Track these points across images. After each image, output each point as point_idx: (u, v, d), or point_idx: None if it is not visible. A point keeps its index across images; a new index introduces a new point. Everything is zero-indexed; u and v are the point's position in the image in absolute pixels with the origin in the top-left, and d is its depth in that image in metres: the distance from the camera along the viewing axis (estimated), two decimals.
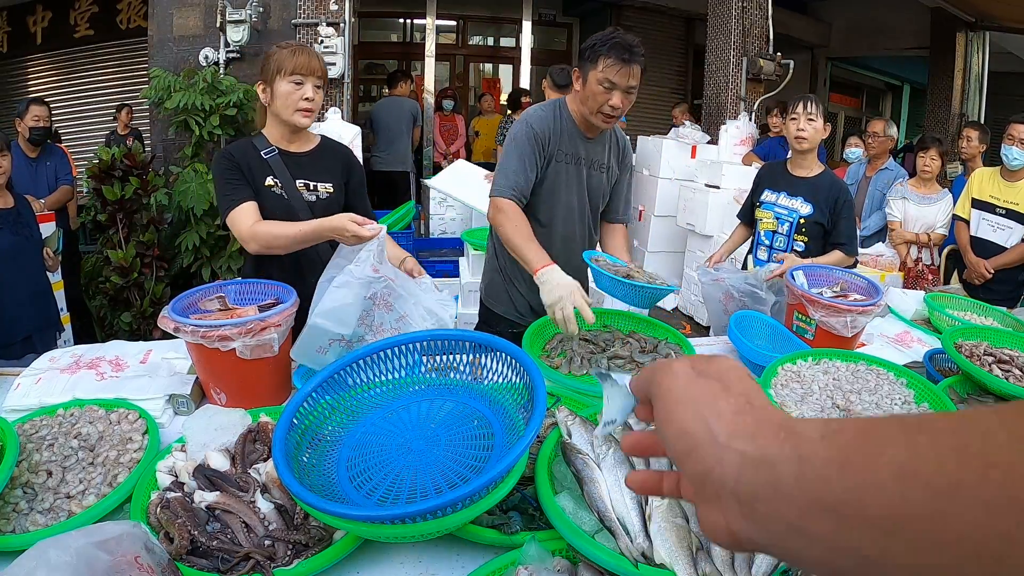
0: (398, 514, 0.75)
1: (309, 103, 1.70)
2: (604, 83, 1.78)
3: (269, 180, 1.74)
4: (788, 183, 2.46)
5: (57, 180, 3.97)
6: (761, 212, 2.52)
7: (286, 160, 1.77)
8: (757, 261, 2.57)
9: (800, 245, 2.41)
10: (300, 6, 5.19)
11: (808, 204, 2.39)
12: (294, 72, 1.67)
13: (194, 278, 4.29)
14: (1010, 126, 3.20)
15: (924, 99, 8.53)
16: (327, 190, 1.80)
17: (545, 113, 1.91)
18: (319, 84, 1.72)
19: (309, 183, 1.79)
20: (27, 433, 1.11)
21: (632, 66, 1.77)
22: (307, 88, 1.69)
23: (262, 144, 1.77)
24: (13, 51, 6.81)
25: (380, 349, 1.06)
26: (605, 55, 1.77)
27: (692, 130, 5.50)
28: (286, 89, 1.68)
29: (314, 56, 1.71)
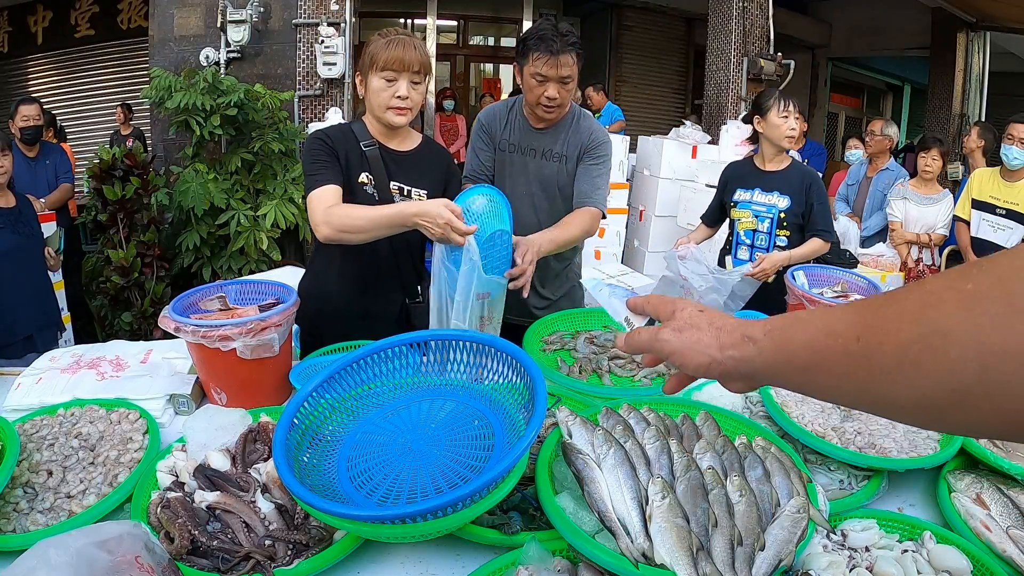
0: (398, 514, 0.75)
1: (402, 101, 1.54)
2: (536, 76, 1.81)
3: (364, 177, 1.60)
4: (759, 179, 2.45)
5: (57, 179, 3.97)
6: (738, 212, 2.49)
7: (385, 157, 1.62)
8: (737, 262, 2.52)
9: (783, 240, 2.41)
10: (301, 6, 5.19)
11: (785, 197, 2.39)
12: (386, 67, 1.51)
13: (195, 278, 4.29)
14: (1010, 126, 3.20)
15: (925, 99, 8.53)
16: (420, 196, 1.64)
17: (497, 108, 2.01)
18: (417, 80, 1.55)
19: (404, 187, 1.63)
20: (28, 433, 1.11)
21: (561, 56, 1.78)
22: (400, 85, 1.52)
23: (362, 134, 1.62)
24: (14, 51, 6.82)
25: (380, 349, 1.06)
26: (534, 49, 1.79)
27: (693, 130, 5.50)
28: (378, 85, 1.53)
29: (411, 48, 1.52)
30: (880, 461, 1.06)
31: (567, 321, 1.71)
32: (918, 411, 0.40)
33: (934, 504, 1.07)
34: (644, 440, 0.97)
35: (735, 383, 0.56)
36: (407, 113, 1.56)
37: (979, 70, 7.26)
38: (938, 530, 0.96)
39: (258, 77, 5.03)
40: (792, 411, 1.19)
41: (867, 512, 1.00)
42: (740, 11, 5.60)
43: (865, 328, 0.42)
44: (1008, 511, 0.98)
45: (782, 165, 2.44)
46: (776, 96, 2.44)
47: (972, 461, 1.12)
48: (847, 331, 0.43)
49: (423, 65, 1.54)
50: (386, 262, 1.64)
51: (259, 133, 4.48)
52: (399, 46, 1.51)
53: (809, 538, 0.85)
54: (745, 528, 0.84)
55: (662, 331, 0.59)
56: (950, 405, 0.38)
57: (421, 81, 1.55)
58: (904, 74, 10.35)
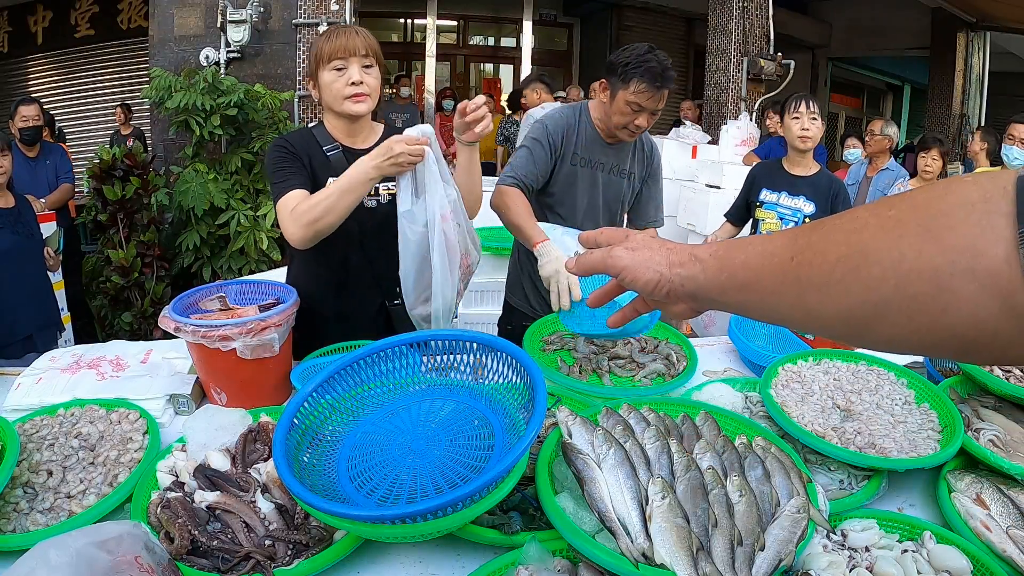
0: (398, 514, 0.75)
1: (357, 87, 1.47)
2: (633, 105, 1.78)
3: (330, 181, 1.50)
4: (788, 182, 2.46)
5: (57, 179, 3.97)
6: (763, 212, 2.52)
7: (349, 159, 1.52)
8: None
9: None
10: (301, 6, 5.19)
11: (811, 203, 2.40)
12: (332, 57, 1.46)
13: (195, 278, 4.29)
14: (1011, 126, 3.20)
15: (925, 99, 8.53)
16: (389, 192, 1.56)
17: (564, 115, 1.92)
18: (368, 64, 1.48)
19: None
20: (27, 433, 1.11)
21: (662, 91, 1.76)
22: (352, 71, 1.46)
23: (324, 138, 1.56)
24: (14, 51, 6.82)
25: (381, 349, 1.06)
26: (638, 79, 1.75)
27: (693, 130, 5.50)
28: (329, 78, 1.47)
29: (354, 34, 1.47)
30: (880, 461, 1.06)
31: None
32: (843, 324, 0.44)
33: (934, 504, 1.07)
34: (644, 440, 0.97)
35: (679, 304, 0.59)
36: (365, 99, 1.49)
37: (979, 70, 7.27)
38: (938, 530, 0.96)
39: (258, 77, 5.03)
40: (792, 411, 1.19)
41: (867, 512, 1.00)
42: (740, 11, 5.60)
43: (797, 249, 0.46)
44: (1008, 511, 0.98)
45: (810, 171, 2.45)
46: (792, 98, 2.46)
47: (972, 461, 1.12)
48: (782, 252, 0.48)
49: (370, 49, 1.48)
50: (359, 262, 1.59)
51: (259, 133, 4.48)
52: (341, 34, 1.47)
53: (809, 538, 0.85)
54: (745, 528, 0.84)
55: (615, 248, 0.62)
56: (871, 318, 0.42)
57: (372, 65, 1.49)
58: (904, 74, 10.35)
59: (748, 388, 1.36)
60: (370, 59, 1.48)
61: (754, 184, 2.58)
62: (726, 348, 1.73)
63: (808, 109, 2.38)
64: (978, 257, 0.35)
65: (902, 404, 1.25)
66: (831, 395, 1.26)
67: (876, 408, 1.22)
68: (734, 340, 1.68)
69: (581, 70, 9.56)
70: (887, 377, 1.34)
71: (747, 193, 2.61)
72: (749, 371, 1.58)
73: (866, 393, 1.27)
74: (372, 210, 1.56)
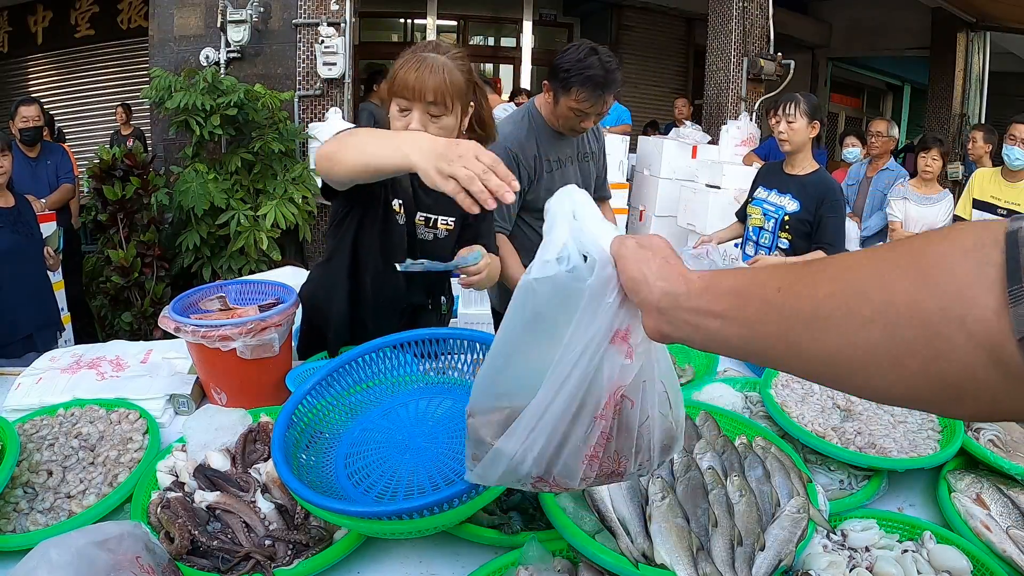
0: (395, 510, 0.75)
1: None
2: (576, 111, 1.77)
3: (396, 203, 1.38)
4: (780, 181, 2.49)
5: (58, 179, 3.97)
6: (751, 208, 2.57)
7: (414, 183, 1.38)
8: (744, 256, 2.63)
9: (784, 242, 2.43)
10: (301, 6, 5.19)
11: (795, 201, 2.41)
12: (397, 93, 1.24)
13: (195, 278, 4.29)
14: (1012, 126, 3.20)
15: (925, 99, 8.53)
16: (446, 227, 1.42)
17: (519, 131, 1.89)
18: (437, 113, 1.23)
19: (430, 217, 1.42)
20: (27, 433, 1.11)
21: (604, 96, 1.74)
22: (413, 117, 1.23)
23: None
24: (14, 51, 6.82)
25: (378, 347, 1.06)
26: (579, 87, 1.73)
27: (693, 130, 5.50)
28: (393, 111, 1.27)
29: (428, 71, 1.21)
30: (880, 461, 1.06)
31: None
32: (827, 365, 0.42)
33: (934, 504, 1.07)
34: None
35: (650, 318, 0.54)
36: None
37: (979, 70, 7.27)
38: (938, 530, 0.96)
39: (258, 77, 5.03)
40: (792, 411, 1.19)
41: (867, 512, 1.00)
42: (740, 11, 5.60)
43: (786, 281, 0.45)
44: (1008, 511, 0.98)
45: (805, 171, 2.45)
46: (781, 100, 2.48)
47: (972, 461, 1.12)
48: (769, 281, 0.46)
49: (443, 93, 1.22)
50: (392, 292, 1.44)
51: (259, 133, 4.48)
52: (414, 67, 1.22)
53: (809, 538, 0.85)
54: (745, 528, 0.84)
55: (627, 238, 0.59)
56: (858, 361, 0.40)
57: (445, 113, 1.24)
58: (904, 74, 10.35)
59: (748, 388, 1.36)
60: (441, 107, 1.23)
61: (756, 183, 2.61)
62: None
63: (785, 113, 2.41)
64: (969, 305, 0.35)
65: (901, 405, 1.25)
66: (831, 395, 1.26)
67: (876, 408, 1.22)
68: None
69: None
70: None
71: (751, 192, 2.65)
72: (749, 371, 1.58)
73: None
74: (426, 242, 1.40)
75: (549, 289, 0.58)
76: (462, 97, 1.28)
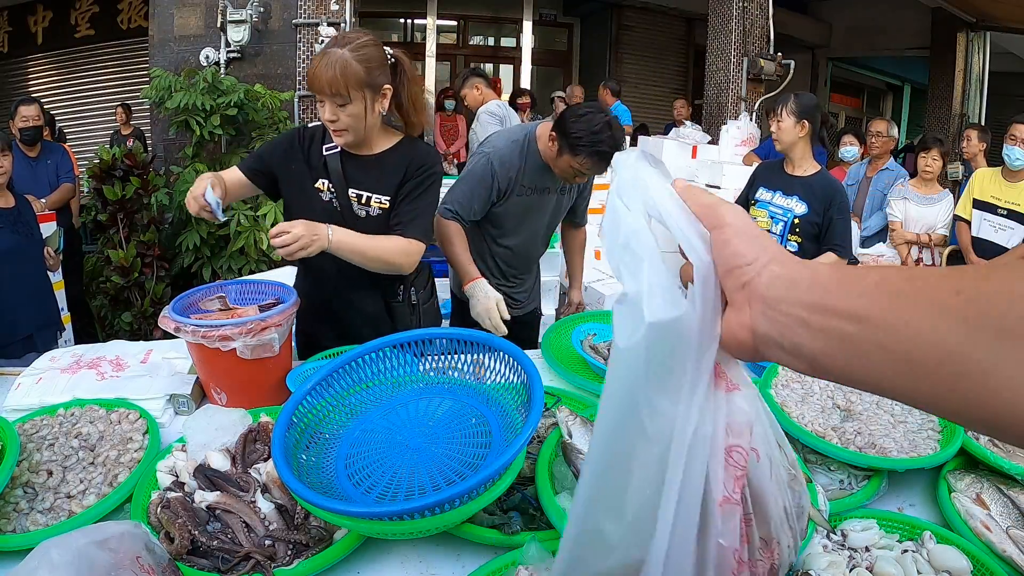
0: (395, 511, 0.75)
1: (332, 124, 1.43)
2: (576, 172, 1.87)
3: (321, 183, 1.53)
4: (784, 182, 2.47)
5: (58, 178, 3.96)
6: (756, 211, 2.53)
7: (345, 163, 1.52)
8: None
9: (793, 245, 2.42)
10: (301, 6, 5.19)
11: (803, 203, 2.40)
12: (310, 90, 1.42)
13: (195, 278, 4.29)
14: (1012, 126, 3.20)
15: (925, 99, 8.53)
16: (381, 205, 1.52)
17: (511, 150, 1.95)
18: (341, 103, 1.40)
19: (363, 193, 1.52)
20: (27, 433, 1.11)
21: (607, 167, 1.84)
22: (325, 107, 1.41)
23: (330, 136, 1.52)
24: (14, 51, 6.82)
25: (379, 347, 1.06)
26: (586, 156, 1.81)
27: (693, 130, 5.50)
28: (319, 106, 1.44)
29: (325, 68, 1.37)
30: (880, 461, 1.06)
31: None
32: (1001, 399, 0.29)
33: (934, 504, 1.07)
34: None
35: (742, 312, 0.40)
36: (343, 133, 1.45)
37: (979, 70, 7.27)
38: (938, 530, 0.96)
39: (258, 77, 5.03)
40: (792, 411, 1.19)
41: (867, 512, 1.00)
42: (740, 11, 5.60)
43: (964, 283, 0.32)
44: (1008, 511, 0.98)
45: (808, 171, 2.44)
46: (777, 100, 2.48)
47: (972, 461, 1.12)
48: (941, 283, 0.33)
49: (340, 87, 1.37)
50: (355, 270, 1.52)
51: (259, 133, 4.48)
52: (316, 63, 1.39)
53: (809, 538, 0.85)
54: None
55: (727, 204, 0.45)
56: None
57: (347, 102, 1.40)
58: (904, 74, 10.35)
59: None
60: (341, 97, 1.39)
61: (754, 183, 2.59)
62: None
63: (775, 114, 2.43)
64: None
65: (902, 404, 1.25)
66: (831, 395, 1.26)
67: (876, 408, 1.22)
68: None
69: (581, 70, 9.56)
70: None
71: (747, 191, 2.62)
72: (749, 371, 1.58)
73: (866, 393, 1.27)
74: (363, 220, 1.53)
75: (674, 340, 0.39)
76: (362, 87, 1.40)
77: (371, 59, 1.41)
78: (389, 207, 1.52)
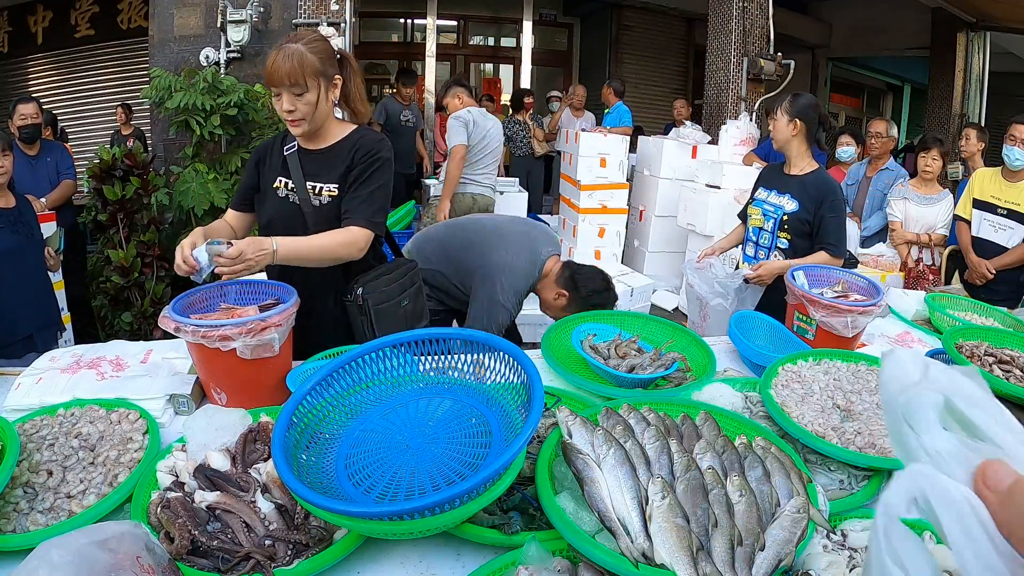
0: (395, 510, 0.75)
1: (289, 114, 1.53)
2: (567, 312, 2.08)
3: (279, 181, 1.63)
4: (781, 182, 2.48)
5: (58, 176, 3.96)
6: (752, 209, 2.57)
7: (302, 158, 1.62)
8: (745, 258, 2.62)
9: (783, 242, 2.43)
10: (301, 6, 5.19)
11: (794, 201, 2.41)
12: (267, 83, 1.52)
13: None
14: (1012, 126, 3.20)
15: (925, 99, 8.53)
16: (330, 193, 1.60)
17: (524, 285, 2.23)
18: (298, 92, 1.50)
19: (317, 184, 1.60)
20: (27, 433, 1.11)
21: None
22: (283, 99, 1.51)
23: (290, 137, 1.65)
24: (14, 51, 6.82)
25: (379, 347, 1.06)
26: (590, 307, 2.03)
27: (693, 130, 5.50)
28: (274, 100, 1.54)
29: (282, 59, 1.48)
30: (880, 461, 1.06)
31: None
32: None
33: None
34: (644, 440, 0.97)
35: None
36: (300, 123, 1.54)
37: (979, 70, 7.27)
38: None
39: (258, 77, 5.02)
40: (792, 411, 1.19)
41: (867, 512, 1.00)
42: (740, 11, 5.60)
43: None
44: None
45: (804, 170, 2.45)
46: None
47: None
48: None
49: (295, 77, 1.47)
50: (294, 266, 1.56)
51: (259, 133, 4.48)
52: (273, 58, 1.49)
53: (809, 538, 0.85)
54: (745, 528, 0.84)
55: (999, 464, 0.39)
56: None
57: (304, 91, 1.50)
58: (904, 74, 10.35)
59: (748, 388, 1.36)
60: (298, 87, 1.49)
61: (757, 184, 2.61)
62: (726, 348, 1.73)
63: (771, 114, 2.45)
64: None
65: None
66: (831, 395, 1.26)
67: (876, 408, 1.22)
68: (734, 340, 1.68)
69: (581, 70, 9.56)
70: None
71: (752, 193, 2.64)
72: (749, 371, 1.58)
73: (866, 393, 1.27)
74: (317, 209, 1.59)
75: None
76: (317, 76, 1.51)
77: (323, 52, 1.54)
78: (338, 194, 1.59)
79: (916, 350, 1.69)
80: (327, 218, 1.58)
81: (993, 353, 1.48)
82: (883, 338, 1.90)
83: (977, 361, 1.44)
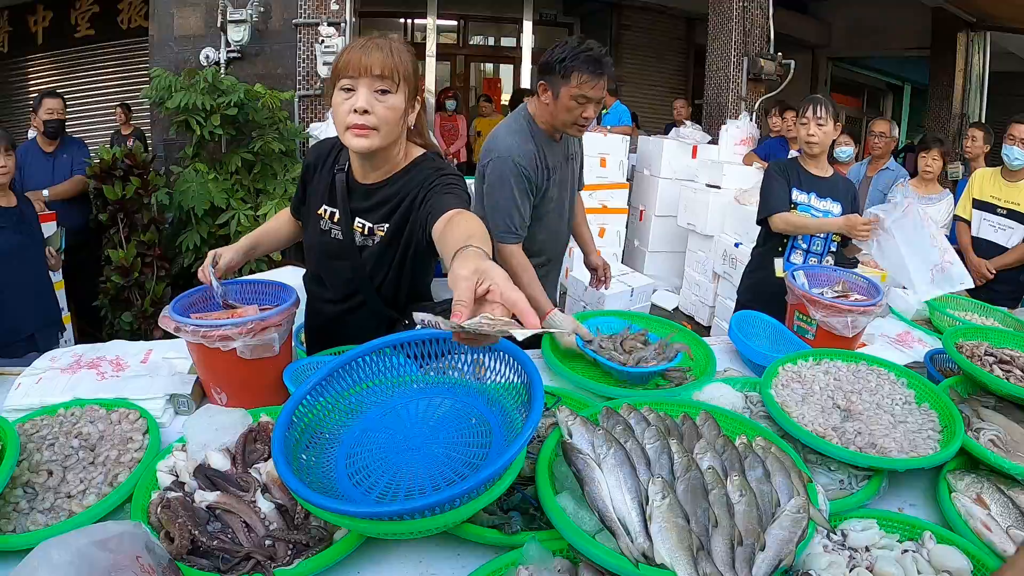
0: (395, 510, 0.75)
1: (360, 116, 1.19)
2: (579, 98, 1.81)
3: (323, 209, 1.39)
4: (811, 183, 2.45)
5: (72, 171, 3.95)
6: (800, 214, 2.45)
7: (352, 190, 1.36)
8: (788, 265, 2.45)
9: (834, 245, 2.46)
10: (301, 6, 5.19)
11: (838, 204, 2.44)
12: (342, 74, 1.19)
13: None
14: (1011, 126, 3.20)
15: (925, 99, 8.53)
16: (382, 232, 1.35)
17: (521, 140, 1.89)
18: (385, 88, 1.19)
19: (366, 224, 1.36)
20: (28, 433, 1.11)
21: (603, 78, 1.80)
22: (359, 95, 1.19)
23: (345, 155, 1.37)
24: (14, 51, 6.82)
25: (379, 347, 1.06)
26: (578, 70, 1.78)
27: (693, 130, 5.50)
28: (337, 99, 1.22)
29: (374, 48, 1.18)
30: (880, 461, 1.06)
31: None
32: None
33: (934, 504, 1.07)
34: (644, 440, 0.97)
35: None
36: (369, 134, 1.21)
37: (979, 70, 7.26)
38: (938, 530, 0.96)
39: (258, 77, 5.03)
40: (792, 411, 1.19)
41: (867, 512, 1.00)
42: (740, 11, 5.60)
43: None
44: (1008, 511, 0.98)
45: (829, 172, 2.46)
46: (804, 101, 2.42)
47: (972, 461, 1.12)
48: None
49: (390, 69, 1.18)
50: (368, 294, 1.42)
51: (259, 133, 4.48)
52: (357, 47, 1.19)
53: (809, 538, 0.85)
54: (745, 528, 0.84)
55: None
56: None
57: (392, 90, 1.20)
58: (904, 74, 10.35)
59: (748, 388, 1.36)
60: (388, 82, 1.19)
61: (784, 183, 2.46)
62: (726, 348, 1.73)
63: (815, 115, 2.34)
64: None
65: (902, 404, 1.25)
66: (831, 395, 1.26)
67: (876, 408, 1.22)
68: (734, 340, 1.68)
69: None
70: (887, 377, 1.34)
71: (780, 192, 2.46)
72: (749, 371, 1.58)
73: (866, 393, 1.27)
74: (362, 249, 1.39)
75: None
76: (410, 80, 1.23)
77: (415, 60, 1.27)
78: (387, 235, 1.35)
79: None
80: (370, 260, 1.37)
81: (993, 353, 1.48)
82: (883, 338, 1.90)
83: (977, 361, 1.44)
